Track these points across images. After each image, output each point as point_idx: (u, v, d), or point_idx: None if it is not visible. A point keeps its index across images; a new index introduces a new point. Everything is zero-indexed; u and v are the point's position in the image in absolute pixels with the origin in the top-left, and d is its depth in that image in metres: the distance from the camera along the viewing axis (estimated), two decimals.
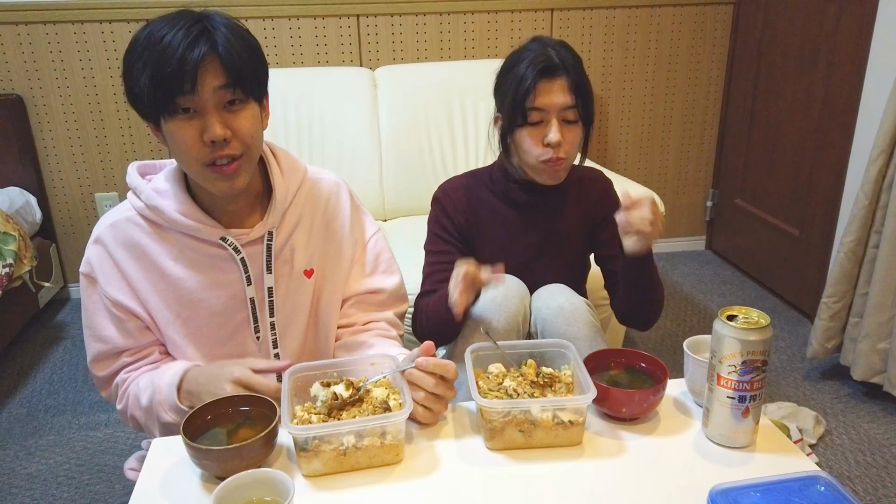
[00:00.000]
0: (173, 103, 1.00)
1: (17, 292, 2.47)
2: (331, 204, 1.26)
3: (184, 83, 0.98)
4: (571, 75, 1.33)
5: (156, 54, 0.98)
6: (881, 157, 2.03)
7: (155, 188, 1.13)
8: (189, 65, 0.98)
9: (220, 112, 1.03)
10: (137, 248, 1.13)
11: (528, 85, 1.32)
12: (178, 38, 0.98)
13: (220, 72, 1.01)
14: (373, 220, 1.34)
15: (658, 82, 3.12)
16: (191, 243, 1.14)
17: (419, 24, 2.84)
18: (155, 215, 1.12)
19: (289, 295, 1.21)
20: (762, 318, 0.95)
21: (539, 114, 1.33)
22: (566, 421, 0.99)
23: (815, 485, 0.85)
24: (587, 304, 1.40)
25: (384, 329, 1.29)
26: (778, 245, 2.89)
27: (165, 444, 1.04)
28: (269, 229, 1.16)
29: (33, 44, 2.63)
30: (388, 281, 1.31)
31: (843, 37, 2.42)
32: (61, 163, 2.80)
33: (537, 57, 1.33)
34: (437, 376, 1.02)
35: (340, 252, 1.26)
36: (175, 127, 1.02)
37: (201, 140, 1.02)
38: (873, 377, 2.15)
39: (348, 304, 1.29)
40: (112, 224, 1.14)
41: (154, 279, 1.14)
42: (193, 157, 1.04)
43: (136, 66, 1.00)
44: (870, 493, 1.82)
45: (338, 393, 1.00)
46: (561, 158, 1.35)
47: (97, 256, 1.14)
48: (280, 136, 2.50)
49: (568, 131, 1.34)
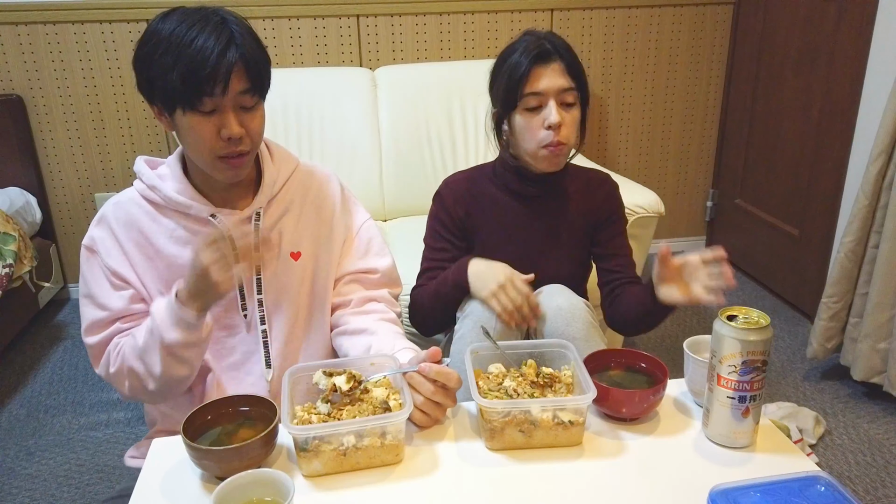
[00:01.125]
0: (200, 101, 1.06)
1: (17, 292, 2.47)
2: (322, 191, 1.31)
3: (215, 86, 1.05)
4: (566, 58, 1.36)
5: (189, 55, 1.04)
6: (881, 156, 2.03)
7: (158, 173, 1.22)
8: (223, 69, 1.05)
9: (237, 111, 1.10)
10: (136, 227, 1.20)
11: (523, 70, 1.35)
12: (210, 41, 1.04)
13: (245, 78, 1.08)
14: (363, 209, 1.39)
15: (658, 82, 3.12)
16: (183, 221, 1.19)
17: (419, 24, 2.83)
18: (153, 194, 1.19)
19: (276, 276, 1.25)
20: (762, 319, 0.95)
21: (537, 98, 1.35)
22: (566, 421, 0.99)
23: (816, 485, 0.85)
24: (586, 304, 1.40)
25: (383, 311, 1.30)
26: (778, 245, 2.89)
27: (165, 444, 1.04)
28: (257, 209, 1.21)
29: (33, 44, 2.63)
30: (381, 261, 1.35)
31: (843, 36, 2.42)
32: (61, 163, 2.80)
33: (529, 45, 1.36)
34: (439, 384, 1.02)
35: (331, 235, 1.30)
36: (194, 121, 1.09)
37: (217, 135, 1.10)
38: (873, 377, 2.15)
39: (342, 283, 1.32)
40: (116, 203, 1.22)
41: (150, 255, 1.19)
42: (208, 149, 1.11)
43: (163, 60, 1.05)
44: (870, 493, 1.82)
45: (337, 385, 1.00)
46: (562, 143, 1.37)
47: (100, 233, 1.20)
48: (280, 135, 2.50)
49: (567, 114, 1.37)
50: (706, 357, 1.01)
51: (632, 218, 2.11)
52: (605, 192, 1.54)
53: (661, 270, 1.27)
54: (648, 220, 2.14)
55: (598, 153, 3.16)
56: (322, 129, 2.55)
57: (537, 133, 1.36)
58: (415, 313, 1.52)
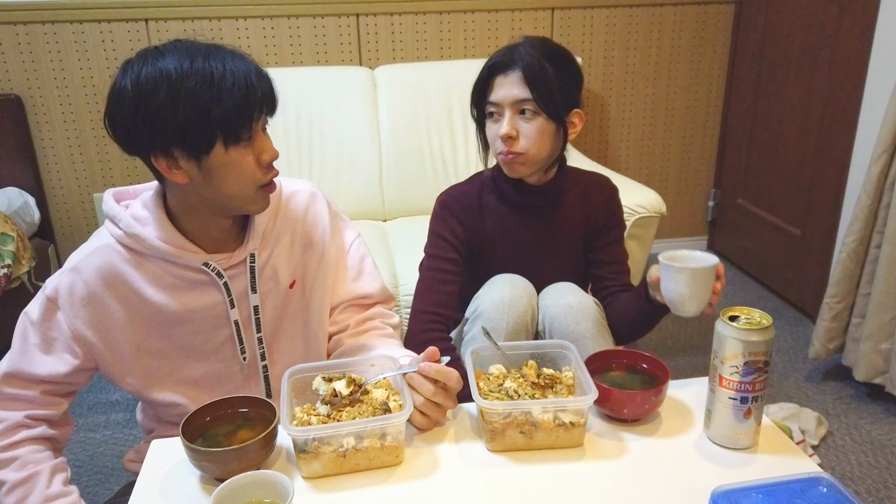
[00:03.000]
0: (249, 129, 1.02)
1: (16, 293, 2.46)
2: (309, 216, 1.26)
3: (263, 105, 1.03)
4: (526, 69, 1.33)
5: (234, 83, 0.99)
6: (883, 156, 2.02)
7: (133, 215, 1.12)
8: (266, 89, 1.03)
9: (266, 134, 1.08)
10: (116, 277, 1.11)
11: (483, 81, 1.38)
12: (238, 65, 1.00)
13: (271, 99, 1.05)
14: (352, 226, 1.34)
15: (659, 82, 3.12)
16: (170, 269, 1.12)
17: (419, 23, 2.83)
18: (134, 243, 1.11)
19: (276, 309, 1.22)
20: (764, 319, 0.95)
21: (494, 107, 1.37)
22: (567, 422, 0.98)
23: (818, 486, 0.85)
24: (595, 302, 1.40)
25: (380, 328, 1.29)
26: (780, 245, 2.88)
27: (164, 445, 1.03)
28: (251, 252, 1.16)
29: (32, 43, 2.63)
30: (373, 284, 1.32)
31: (845, 36, 2.41)
32: (60, 163, 2.79)
33: (496, 54, 1.37)
34: (439, 384, 1.01)
35: (323, 260, 1.26)
36: (239, 154, 1.03)
37: (258, 163, 1.05)
38: (875, 378, 2.14)
39: (337, 312, 1.29)
40: (92, 252, 1.13)
41: (133, 307, 1.13)
42: (253, 179, 1.06)
43: (198, 98, 0.97)
44: (872, 495, 1.81)
45: (337, 390, 0.99)
46: (516, 153, 1.36)
47: (69, 285, 1.11)
48: (279, 135, 2.50)
49: (527, 124, 1.35)
50: (680, 265, 1.07)
51: (633, 218, 2.11)
52: (604, 198, 1.51)
53: (656, 273, 1.26)
54: (650, 219, 2.14)
55: (600, 153, 3.15)
56: (321, 128, 2.55)
57: (495, 142, 1.39)
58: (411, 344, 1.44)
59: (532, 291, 1.41)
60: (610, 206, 1.52)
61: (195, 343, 1.17)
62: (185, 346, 1.17)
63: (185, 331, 1.16)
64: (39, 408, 1.12)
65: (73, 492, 1.10)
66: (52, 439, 1.14)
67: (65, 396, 1.16)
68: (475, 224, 1.48)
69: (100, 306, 1.12)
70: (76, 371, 1.13)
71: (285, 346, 1.24)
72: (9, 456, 1.08)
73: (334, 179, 2.54)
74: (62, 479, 1.11)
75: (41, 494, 1.06)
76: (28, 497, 1.06)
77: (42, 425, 1.12)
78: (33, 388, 1.11)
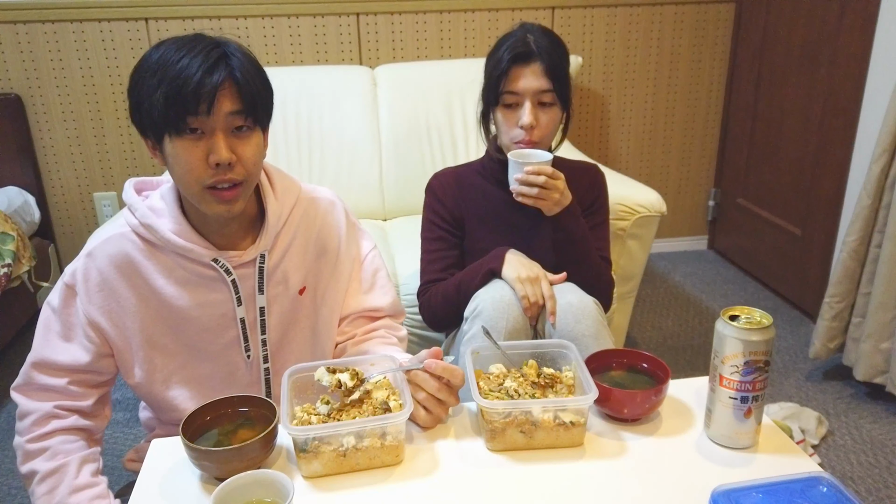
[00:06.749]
0: (184, 122, 1.01)
1: (16, 292, 2.46)
2: (326, 222, 1.26)
3: (199, 104, 1.00)
4: (546, 60, 1.39)
5: (173, 73, 1.00)
6: (884, 155, 2.02)
7: (150, 206, 1.13)
8: (208, 87, 1.00)
9: (227, 136, 1.04)
10: (129, 265, 1.13)
11: (503, 68, 1.40)
12: (197, 60, 1.00)
13: (236, 98, 1.03)
14: (370, 237, 1.34)
15: (660, 81, 3.12)
16: (182, 262, 1.13)
17: (419, 22, 2.83)
18: (149, 233, 1.12)
19: (283, 314, 1.21)
20: (764, 318, 0.95)
21: (513, 97, 1.41)
22: (567, 422, 0.98)
23: (818, 486, 0.85)
24: (595, 302, 1.40)
25: (384, 336, 1.29)
26: (780, 244, 2.88)
27: (164, 445, 1.03)
28: (262, 252, 1.16)
29: (32, 43, 2.63)
30: (384, 298, 1.32)
31: (846, 35, 2.41)
32: (60, 162, 2.79)
33: (515, 42, 1.40)
34: (444, 381, 1.01)
35: (336, 268, 1.26)
36: (181, 147, 1.03)
37: (206, 162, 1.03)
38: (876, 377, 2.14)
39: (346, 322, 1.30)
40: (106, 239, 1.14)
41: (144, 296, 1.14)
42: (195, 177, 1.04)
43: (148, 82, 1.01)
44: (872, 494, 1.81)
45: (342, 381, 0.99)
46: (533, 141, 1.41)
47: (84, 271, 1.13)
48: (279, 135, 2.50)
49: (544, 114, 1.41)
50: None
51: (633, 217, 2.11)
52: (589, 180, 1.56)
53: None
54: (650, 219, 2.14)
55: (600, 152, 3.15)
56: (322, 128, 2.54)
57: (511, 130, 1.42)
58: (433, 308, 1.52)
59: None
60: (595, 187, 1.57)
61: (201, 342, 1.17)
62: (192, 344, 1.17)
63: (191, 328, 1.16)
64: (68, 398, 1.14)
65: (101, 482, 1.12)
66: (85, 429, 1.16)
67: (94, 388, 1.17)
68: (456, 199, 1.53)
69: (112, 293, 1.13)
70: (97, 357, 1.14)
71: (291, 351, 1.24)
72: (40, 446, 1.10)
73: (334, 179, 2.53)
74: (91, 470, 1.12)
75: (69, 485, 1.08)
76: (58, 487, 1.08)
77: (73, 416, 1.14)
78: (60, 376, 1.13)
